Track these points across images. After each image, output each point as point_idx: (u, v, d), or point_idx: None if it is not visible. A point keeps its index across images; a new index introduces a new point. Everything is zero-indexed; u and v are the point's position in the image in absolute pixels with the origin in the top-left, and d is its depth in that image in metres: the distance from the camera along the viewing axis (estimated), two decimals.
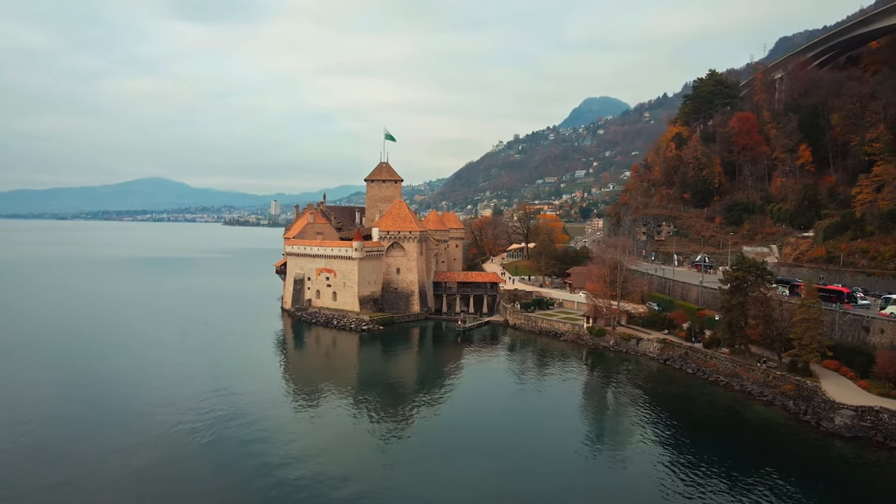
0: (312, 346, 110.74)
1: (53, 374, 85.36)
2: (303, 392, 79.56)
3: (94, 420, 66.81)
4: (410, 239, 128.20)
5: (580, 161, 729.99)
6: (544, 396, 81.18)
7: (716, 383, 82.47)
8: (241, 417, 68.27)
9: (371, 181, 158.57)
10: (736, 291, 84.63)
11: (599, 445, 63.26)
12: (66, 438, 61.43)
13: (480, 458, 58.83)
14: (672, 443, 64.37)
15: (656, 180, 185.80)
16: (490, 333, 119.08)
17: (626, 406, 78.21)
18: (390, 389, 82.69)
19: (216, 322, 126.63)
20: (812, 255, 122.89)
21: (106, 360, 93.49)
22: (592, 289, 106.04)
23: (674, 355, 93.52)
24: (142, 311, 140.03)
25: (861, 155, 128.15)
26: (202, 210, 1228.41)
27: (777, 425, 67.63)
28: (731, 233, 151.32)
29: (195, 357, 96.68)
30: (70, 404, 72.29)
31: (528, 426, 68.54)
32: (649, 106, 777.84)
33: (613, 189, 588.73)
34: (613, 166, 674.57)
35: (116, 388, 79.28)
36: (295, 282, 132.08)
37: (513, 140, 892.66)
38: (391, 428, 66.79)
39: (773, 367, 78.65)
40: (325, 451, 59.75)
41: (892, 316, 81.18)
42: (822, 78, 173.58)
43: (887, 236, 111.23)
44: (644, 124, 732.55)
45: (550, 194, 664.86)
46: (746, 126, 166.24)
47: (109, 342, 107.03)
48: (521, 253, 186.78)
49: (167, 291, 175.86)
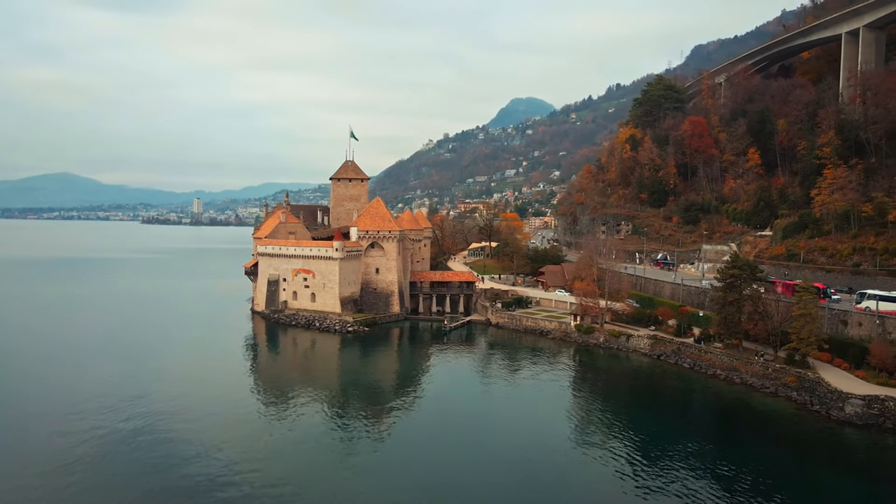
0: (298, 351, 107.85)
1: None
2: (302, 399, 76.79)
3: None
4: (390, 239, 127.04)
5: (510, 161, 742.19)
6: (544, 394, 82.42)
7: (715, 377, 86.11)
8: (238, 428, 65.62)
9: (337, 180, 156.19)
10: (730, 289, 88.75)
11: (619, 442, 64.65)
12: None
13: (489, 457, 59.09)
14: (691, 434, 67.46)
15: (612, 181, 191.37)
16: (474, 332, 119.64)
17: (632, 400, 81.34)
18: (390, 392, 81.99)
19: (185, 326, 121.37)
20: (772, 253, 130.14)
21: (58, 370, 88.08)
22: (581, 287, 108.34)
23: (666, 351, 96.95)
24: (100, 315, 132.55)
25: (811, 158, 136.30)
26: (116, 208, 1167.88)
27: (788, 415, 71.43)
28: (689, 232, 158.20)
29: (168, 363, 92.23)
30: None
31: (532, 424, 69.43)
32: (575, 107, 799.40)
33: (544, 188, 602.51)
34: (542, 166, 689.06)
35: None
36: (269, 283, 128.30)
37: (443, 139, 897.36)
38: (394, 430, 66.44)
39: (770, 361, 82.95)
40: (333, 457, 58.94)
41: (867, 310, 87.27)
42: (766, 85, 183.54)
43: (843, 235, 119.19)
44: (571, 125, 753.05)
45: (481, 193, 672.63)
46: (698, 129, 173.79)
47: (70, 348, 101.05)
48: (482, 252, 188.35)
49: (121, 294, 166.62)
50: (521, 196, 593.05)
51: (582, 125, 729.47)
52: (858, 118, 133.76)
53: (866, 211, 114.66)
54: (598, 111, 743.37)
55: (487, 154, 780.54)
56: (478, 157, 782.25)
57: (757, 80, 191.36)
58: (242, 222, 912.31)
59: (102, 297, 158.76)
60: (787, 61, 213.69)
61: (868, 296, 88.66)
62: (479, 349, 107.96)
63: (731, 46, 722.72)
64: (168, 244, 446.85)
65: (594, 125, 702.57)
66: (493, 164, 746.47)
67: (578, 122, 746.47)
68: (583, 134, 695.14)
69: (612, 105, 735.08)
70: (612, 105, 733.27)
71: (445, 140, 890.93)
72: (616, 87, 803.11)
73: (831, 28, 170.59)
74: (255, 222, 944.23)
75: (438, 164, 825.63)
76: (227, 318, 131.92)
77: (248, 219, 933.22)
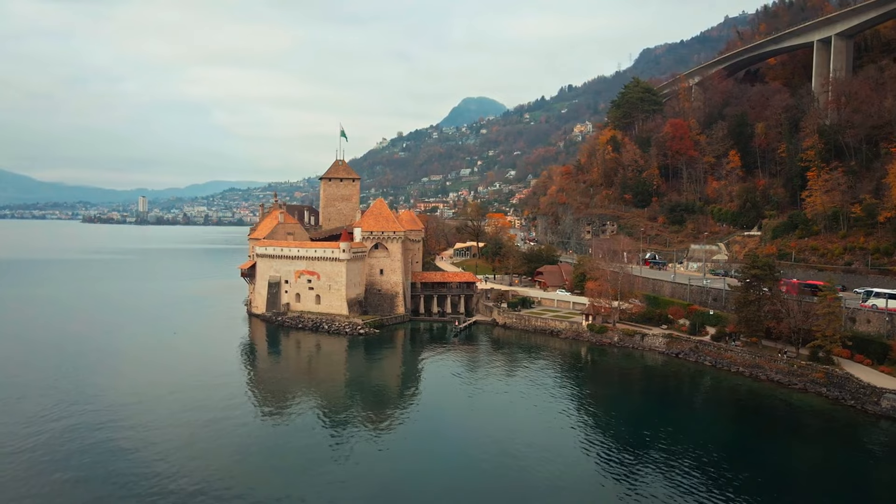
0: (312, 355, 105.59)
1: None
2: (328, 405, 75.63)
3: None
4: (394, 239, 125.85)
5: (464, 160, 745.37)
6: (570, 394, 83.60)
7: (739, 374, 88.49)
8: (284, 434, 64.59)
9: (328, 179, 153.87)
10: (750, 288, 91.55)
11: (662, 440, 66.06)
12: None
13: (520, 462, 59.35)
14: (737, 429, 70.08)
15: (594, 181, 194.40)
16: (482, 333, 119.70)
17: (665, 398, 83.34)
18: (414, 395, 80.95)
19: (182, 330, 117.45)
20: (763, 252, 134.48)
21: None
22: (594, 287, 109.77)
23: (684, 349, 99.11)
24: (89, 316, 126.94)
25: (795, 162, 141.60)
26: (53, 206, 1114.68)
27: (825, 410, 74.07)
28: (676, 231, 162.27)
29: (172, 369, 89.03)
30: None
31: (567, 425, 70.15)
32: (528, 108, 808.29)
33: (500, 188, 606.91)
34: (497, 165, 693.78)
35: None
36: (270, 285, 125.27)
37: (396, 137, 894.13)
38: (417, 434, 66.41)
39: (793, 358, 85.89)
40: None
41: (873, 307, 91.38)
42: (742, 90, 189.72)
43: (833, 235, 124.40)
44: (525, 125, 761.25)
45: (437, 192, 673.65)
46: (679, 132, 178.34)
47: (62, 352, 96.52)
48: (468, 252, 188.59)
49: (101, 298, 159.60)
50: (479, 196, 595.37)
51: (536, 125, 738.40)
52: (838, 122, 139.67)
53: (855, 212, 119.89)
54: (552, 111, 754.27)
55: (442, 153, 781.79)
56: (432, 156, 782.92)
57: (731, 85, 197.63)
58: (190, 221, 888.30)
59: (80, 301, 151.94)
60: (753, 67, 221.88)
61: (875, 294, 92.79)
62: (493, 350, 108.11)
63: (678, 50, 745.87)
64: (126, 244, 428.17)
65: (548, 125, 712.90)
66: (448, 164, 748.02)
67: (532, 123, 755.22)
68: (536, 134, 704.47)
69: (564, 105, 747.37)
70: (565, 105, 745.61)
71: (399, 139, 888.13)
72: (568, 88, 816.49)
73: (803, 36, 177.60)
74: (203, 222, 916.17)
75: (392, 162, 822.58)
76: (224, 322, 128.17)
77: (196, 218, 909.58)
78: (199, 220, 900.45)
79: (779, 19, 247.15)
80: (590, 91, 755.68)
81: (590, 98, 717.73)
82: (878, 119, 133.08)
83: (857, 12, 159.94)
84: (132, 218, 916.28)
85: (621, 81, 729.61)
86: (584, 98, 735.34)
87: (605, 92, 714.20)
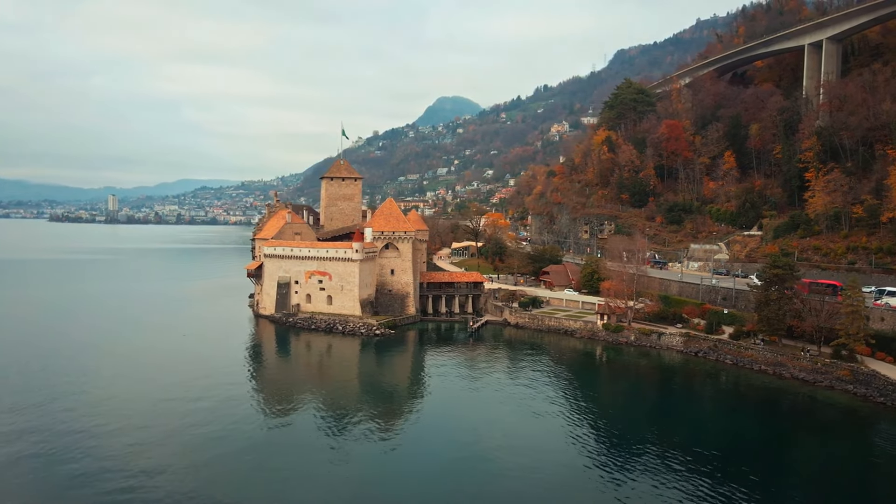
0: (329, 357, 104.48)
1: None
2: (364, 407, 75.31)
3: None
4: (405, 239, 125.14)
5: (441, 159, 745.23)
6: (596, 391, 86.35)
7: (762, 372, 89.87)
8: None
9: (330, 178, 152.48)
10: (771, 287, 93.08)
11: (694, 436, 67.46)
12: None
13: (545, 463, 60.15)
14: (775, 426, 71.84)
15: (590, 181, 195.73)
16: (495, 333, 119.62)
17: (693, 396, 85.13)
18: (437, 397, 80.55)
19: (191, 332, 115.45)
20: (764, 252, 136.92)
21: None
22: (611, 286, 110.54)
23: (702, 348, 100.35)
24: (92, 320, 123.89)
25: (794, 163, 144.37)
26: (17, 205, 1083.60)
27: (855, 407, 75.75)
28: (674, 231, 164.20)
29: (187, 373, 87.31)
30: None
31: (599, 423, 71.58)
32: (505, 107, 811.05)
33: (478, 187, 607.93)
34: (474, 164, 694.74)
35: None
36: (279, 286, 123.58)
37: (372, 136, 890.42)
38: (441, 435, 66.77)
39: (815, 356, 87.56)
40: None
41: (886, 306, 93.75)
42: (735, 92, 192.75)
43: (835, 234, 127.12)
44: (501, 125, 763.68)
45: (414, 191, 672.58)
46: (675, 133, 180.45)
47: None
48: (466, 252, 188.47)
49: (105, 298, 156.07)
50: (457, 195, 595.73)
51: (512, 125, 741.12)
52: (831, 125, 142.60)
53: (857, 212, 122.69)
54: (528, 111, 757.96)
55: (418, 152, 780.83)
56: (409, 156, 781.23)
57: (723, 87, 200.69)
58: (162, 220, 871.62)
59: (77, 304, 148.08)
60: (740, 69, 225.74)
61: (888, 292, 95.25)
62: (510, 350, 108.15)
63: (652, 52, 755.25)
64: (103, 244, 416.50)
65: (524, 125, 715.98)
66: (425, 163, 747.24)
67: (508, 122, 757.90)
68: (513, 133, 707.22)
69: (540, 105, 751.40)
70: (541, 105, 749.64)
71: (375, 137, 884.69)
72: (544, 88, 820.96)
73: (794, 39, 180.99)
74: (176, 221, 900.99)
75: (369, 161, 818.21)
76: (232, 323, 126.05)
77: (168, 217, 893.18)
78: (172, 219, 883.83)
79: (757, 22, 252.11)
80: (565, 91, 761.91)
81: (565, 98, 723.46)
82: (873, 121, 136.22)
83: (849, 17, 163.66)
84: (102, 217, 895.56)
85: (596, 82, 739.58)
86: (559, 98, 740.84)
87: (580, 92, 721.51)
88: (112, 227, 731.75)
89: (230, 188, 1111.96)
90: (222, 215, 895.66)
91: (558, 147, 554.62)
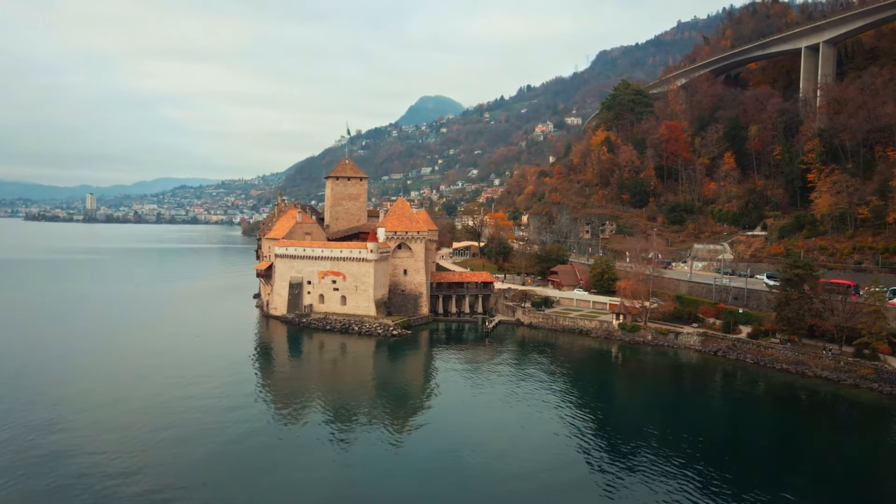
0: (345, 358, 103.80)
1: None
2: (388, 409, 74.88)
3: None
4: (418, 239, 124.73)
5: (425, 158, 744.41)
6: (619, 390, 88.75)
7: (785, 371, 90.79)
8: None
9: (336, 178, 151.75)
10: (791, 287, 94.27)
11: (726, 434, 68.15)
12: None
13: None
14: (797, 424, 73.48)
15: (589, 181, 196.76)
16: (509, 333, 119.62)
17: (716, 393, 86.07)
18: (464, 399, 79.84)
19: (204, 333, 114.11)
20: (769, 252, 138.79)
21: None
22: (628, 286, 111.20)
23: (721, 347, 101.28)
24: (98, 321, 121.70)
25: (796, 164, 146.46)
26: None
27: (882, 405, 77.08)
28: (676, 231, 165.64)
29: (207, 375, 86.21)
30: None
31: (627, 420, 73.14)
32: (488, 107, 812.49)
33: (463, 186, 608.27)
34: (458, 164, 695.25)
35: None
36: (291, 286, 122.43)
37: (356, 135, 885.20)
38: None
39: (837, 354, 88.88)
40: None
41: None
42: (733, 94, 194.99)
43: (840, 234, 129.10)
44: (485, 124, 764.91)
45: (398, 191, 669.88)
46: (675, 133, 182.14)
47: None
48: (467, 251, 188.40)
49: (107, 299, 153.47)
50: (443, 194, 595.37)
51: (496, 125, 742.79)
52: (830, 126, 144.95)
53: (862, 213, 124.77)
54: (511, 111, 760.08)
55: (402, 151, 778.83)
56: (392, 155, 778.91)
57: (720, 88, 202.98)
58: (142, 220, 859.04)
59: (76, 306, 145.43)
60: (733, 71, 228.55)
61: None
62: (526, 350, 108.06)
63: (634, 53, 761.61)
64: (88, 244, 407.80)
65: (508, 125, 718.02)
66: (409, 162, 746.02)
67: (492, 122, 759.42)
68: (497, 133, 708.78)
69: (523, 105, 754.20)
70: (524, 105, 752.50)
71: (358, 136, 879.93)
72: (527, 88, 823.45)
73: (791, 42, 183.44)
74: (156, 220, 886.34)
75: (353, 160, 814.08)
76: (242, 324, 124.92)
77: (147, 216, 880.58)
78: (152, 218, 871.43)
79: (743, 25, 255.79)
80: (548, 91, 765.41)
81: (549, 98, 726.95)
82: (873, 124, 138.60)
83: (846, 21, 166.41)
84: (79, 216, 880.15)
85: (579, 82, 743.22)
86: (543, 98, 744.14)
87: (563, 93, 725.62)
88: (91, 227, 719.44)
89: (210, 187, 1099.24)
90: (203, 214, 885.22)
91: (543, 147, 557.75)
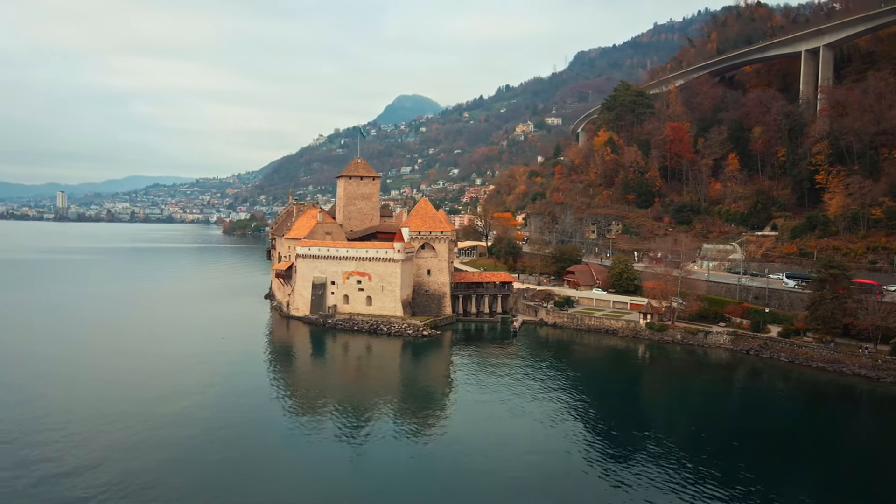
0: (375, 359, 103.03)
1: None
2: (429, 412, 74.97)
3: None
4: (442, 239, 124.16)
5: (404, 158, 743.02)
6: (658, 388, 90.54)
7: (820, 370, 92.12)
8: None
9: (348, 177, 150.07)
10: (824, 287, 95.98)
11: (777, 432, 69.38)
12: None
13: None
14: (845, 421, 76.26)
15: (592, 181, 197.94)
16: (533, 333, 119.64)
17: (757, 392, 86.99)
18: (496, 398, 79.36)
19: (228, 334, 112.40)
20: (783, 252, 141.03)
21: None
22: (656, 286, 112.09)
23: (752, 346, 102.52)
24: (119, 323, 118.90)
25: (805, 165, 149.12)
26: None
27: None
28: (683, 231, 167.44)
29: (242, 378, 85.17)
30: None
31: (673, 418, 74.67)
32: (467, 107, 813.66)
33: (444, 186, 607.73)
34: (438, 163, 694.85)
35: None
36: (314, 286, 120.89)
37: (334, 134, 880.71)
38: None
39: (873, 353, 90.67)
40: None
41: None
42: (735, 96, 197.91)
43: (853, 235, 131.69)
44: (464, 124, 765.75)
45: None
46: (678, 135, 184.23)
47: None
48: (474, 251, 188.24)
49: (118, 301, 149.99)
50: (425, 194, 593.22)
51: (475, 124, 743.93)
52: (831, 128, 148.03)
53: (875, 214, 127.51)
54: (491, 111, 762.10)
55: (381, 150, 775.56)
56: (371, 154, 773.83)
57: (720, 90, 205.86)
58: (115, 218, 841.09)
59: (87, 306, 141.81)
60: (728, 73, 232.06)
61: None
62: (555, 349, 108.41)
63: (611, 54, 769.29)
64: (69, 243, 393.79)
65: (487, 124, 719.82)
66: (388, 161, 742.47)
67: (471, 122, 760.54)
68: (476, 133, 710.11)
69: (503, 105, 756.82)
70: (504, 105, 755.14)
71: (336, 135, 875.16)
72: (506, 88, 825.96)
73: (791, 45, 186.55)
74: (129, 219, 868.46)
75: (330, 159, 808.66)
76: (262, 324, 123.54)
77: (121, 215, 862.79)
78: (125, 217, 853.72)
79: (728, 28, 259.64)
80: (527, 91, 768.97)
81: (528, 98, 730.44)
82: (881, 126, 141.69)
83: (846, 25, 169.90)
84: (50, 214, 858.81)
85: (558, 82, 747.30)
86: (521, 98, 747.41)
87: (542, 93, 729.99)
88: (64, 225, 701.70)
89: (184, 185, 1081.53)
90: (179, 213, 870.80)
91: (524, 147, 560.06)
